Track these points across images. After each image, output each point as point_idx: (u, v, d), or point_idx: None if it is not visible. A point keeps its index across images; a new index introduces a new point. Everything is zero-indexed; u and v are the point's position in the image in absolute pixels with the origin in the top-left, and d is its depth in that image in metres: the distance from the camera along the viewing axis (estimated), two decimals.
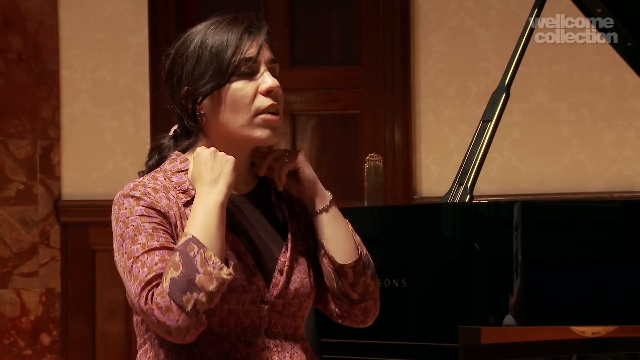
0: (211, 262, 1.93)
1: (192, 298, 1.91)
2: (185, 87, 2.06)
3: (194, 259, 1.93)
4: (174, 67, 2.09)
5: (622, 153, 4.91)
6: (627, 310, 2.80)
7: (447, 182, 3.11)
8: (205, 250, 1.93)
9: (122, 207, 2.01)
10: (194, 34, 2.08)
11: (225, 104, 2.05)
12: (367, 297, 2.14)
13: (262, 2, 5.12)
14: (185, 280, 1.91)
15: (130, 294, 1.97)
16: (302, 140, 5.09)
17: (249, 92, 2.05)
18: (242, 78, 2.05)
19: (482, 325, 2.72)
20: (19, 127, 5.00)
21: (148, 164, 2.15)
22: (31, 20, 5.03)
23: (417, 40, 5.00)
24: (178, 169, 2.08)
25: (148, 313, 1.92)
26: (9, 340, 4.97)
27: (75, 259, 5.00)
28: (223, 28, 2.07)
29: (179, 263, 1.92)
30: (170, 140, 2.15)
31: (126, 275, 1.97)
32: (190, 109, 2.07)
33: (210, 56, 2.04)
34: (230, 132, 2.07)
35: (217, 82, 2.04)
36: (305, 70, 4.98)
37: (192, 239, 1.95)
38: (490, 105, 3.03)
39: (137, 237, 1.98)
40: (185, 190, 2.06)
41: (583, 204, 3.17)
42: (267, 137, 2.07)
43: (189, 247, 1.94)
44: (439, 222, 2.83)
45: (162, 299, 1.91)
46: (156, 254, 1.96)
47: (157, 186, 2.04)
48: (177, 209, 2.03)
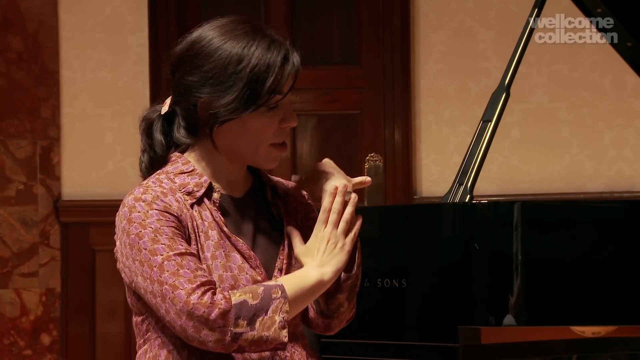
0: (282, 315, 1.95)
1: (244, 328, 1.93)
2: (205, 95, 2.01)
3: (272, 302, 1.95)
4: (192, 64, 2.03)
5: (622, 153, 4.91)
6: (627, 310, 2.79)
7: (447, 182, 3.11)
8: (284, 303, 1.95)
9: (135, 210, 1.99)
10: (223, 36, 2.02)
11: (243, 128, 2.03)
12: (334, 315, 2.14)
13: (262, 2, 5.12)
14: (252, 311, 1.93)
15: (161, 287, 1.93)
16: (302, 140, 5.09)
17: (272, 125, 2.04)
18: (268, 108, 2.03)
19: (482, 325, 2.72)
20: (19, 127, 5.00)
21: (142, 167, 2.12)
22: (31, 20, 5.03)
23: (417, 40, 5.00)
24: (180, 170, 2.07)
25: (202, 305, 1.91)
26: (9, 340, 4.97)
27: (75, 259, 5.00)
28: (262, 45, 2.01)
29: (258, 295, 1.95)
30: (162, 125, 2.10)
31: (147, 268, 1.95)
32: (205, 119, 2.03)
33: (249, 79, 1.99)
34: (236, 152, 2.06)
35: (247, 108, 2.00)
36: (305, 70, 4.92)
37: (280, 286, 1.97)
38: (490, 105, 3.03)
39: (159, 238, 1.96)
40: (190, 192, 2.05)
41: (583, 204, 3.17)
42: (272, 166, 2.09)
43: (274, 290, 1.96)
44: (439, 222, 2.83)
45: (226, 303, 1.92)
46: (189, 259, 1.96)
47: (164, 189, 2.03)
48: (187, 211, 2.03)
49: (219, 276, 2.00)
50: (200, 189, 2.06)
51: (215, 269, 2.01)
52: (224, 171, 2.09)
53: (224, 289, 1.98)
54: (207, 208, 2.05)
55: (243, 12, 4.99)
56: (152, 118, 2.11)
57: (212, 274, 2.00)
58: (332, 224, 2.05)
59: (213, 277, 1.99)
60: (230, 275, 2.01)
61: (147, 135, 2.11)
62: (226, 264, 2.02)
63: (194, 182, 2.06)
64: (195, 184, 2.06)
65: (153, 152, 2.10)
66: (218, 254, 2.02)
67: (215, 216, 2.05)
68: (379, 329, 2.84)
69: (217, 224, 2.04)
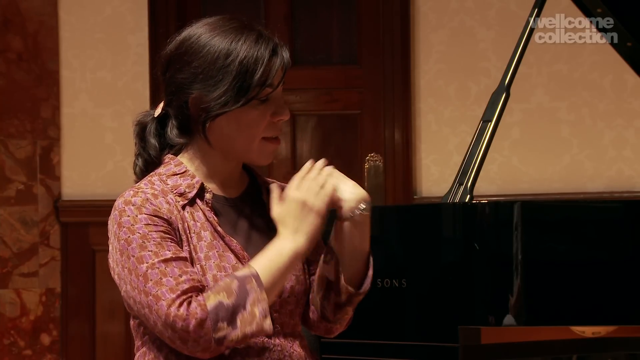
0: (261, 306, 1.93)
1: (226, 330, 1.91)
2: (196, 91, 2.02)
3: (248, 295, 1.92)
4: (182, 61, 2.03)
5: (622, 153, 4.91)
6: (627, 310, 2.79)
7: (447, 182, 3.12)
8: (261, 292, 1.93)
9: (125, 214, 1.99)
10: (211, 32, 2.02)
11: (235, 122, 2.03)
12: (338, 322, 2.14)
13: (262, 2, 5.12)
14: (230, 310, 1.91)
15: (146, 298, 1.93)
16: (302, 140, 5.09)
17: (263, 118, 2.03)
18: (259, 102, 2.03)
19: (482, 325, 2.72)
20: (19, 127, 5.00)
21: (136, 171, 2.12)
22: (31, 20, 5.03)
23: (417, 40, 5.00)
24: (173, 172, 2.07)
25: (179, 318, 1.90)
26: (9, 340, 4.97)
27: (75, 259, 5.00)
28: (250, 39, 2.01)
29: (232, 291, 1.92)
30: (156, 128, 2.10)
31: (134, 277, 1.96)
32: (197, 116, 2.03)
33: (238, 72, 1.99)
34: (230, 148, 2.06)
35: (237, 101, 2.00)
36: (305, 70, 4.97)
37: (254, 274, 1.94)
38: (490, 105, 3.03)
39: (146, 245, 1.96)
40: (181, 194, 2.05)
41: (583, 204, 3.17)
42: (266, 161, 2.08)
43: (248, 280, 1.93)
44: (439, 222, 2.83)
45: (201, 312, 1.91)
46: (174, 265, 1.95)
47: (155, 191, 2.02)
48: (177, 212, 2.02)
49: (213, 276, 2.00)
50: (192, 190, 2.05)
51: (209, 269, 2.00)
52: (218, 171, 2.09)
53: None
54: (200, 209, 2.05)
55: (243, 12, 4.99)
56: (145, 122, 2.12)
57: (206, 275, 1.99)
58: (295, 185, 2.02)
59: (207, 277, 1.99)
60: (224, 275, 2.00)
61: (141, 139, 2.11)
62: (220, 264, 2.01)
63: (185, 183, 2.06)
64: (187, 185, 2.06)
65: (147, 155, 2.10)
66: (211, 254, 2.02)
67: (209, 216, 2.05)
68: (379, 329, 2.84)
69: (210, 224, 2.04)
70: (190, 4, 5.13)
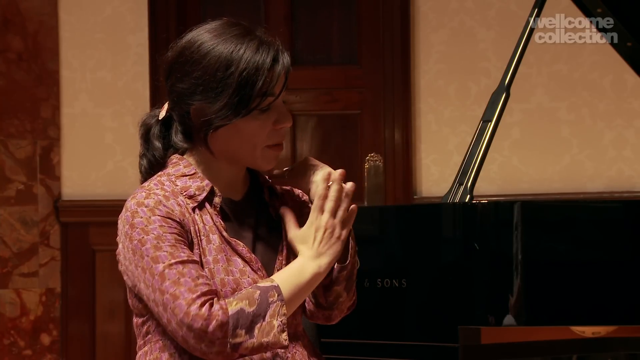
0: (280, 319, 1.94)
1: (243, 337, 1.92)
2: (197, 102, 2.01)
3: (269, 306, 1.94)
4: (183, 71, 2.02)
5: (622, 153, 4.91)
6: (627, 310, 2.79)
7: (447, 182, 3.12)
8: (282, 306, 1.94)
9: (137, 216, 1.99)
10: (211, 41, 2.01)
11: (237, 133, 2.03)
12: (333, 306, 2.14)
13: (262, 2, 5.12)
14: (250, 318, 1.92)
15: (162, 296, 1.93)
16: (302, 140, 5.09)
17: (266, 127, 2.03)
18: (260, 111, 2.02)
19: (482, 325, 2.72)
20: (19, 127, 5.00)
21: (141, 170, 2.12)
22: (31, 20, 5.03)
23: (417, 40, 5.00)
24: (182, 173, 2.07)
25: (200, 317, 1.90)
26: (9, 340, 4.97)
27: (75, 259, 5.00)
28: (251, 48, 2.00)
29: (255, 300, 1.94)
30: (160, 130, 2.10)
31: (149, 276, 1.95)
32: (199, 125, 2.03)
33: (238, 83, 1.98)
34: (233, 156, 2.06)
35: (238, 113, 1.99)
36: (305, 70, 4.97)
37: (277, 287, 1.96)
38: (490, 105, 3.03)
39: (161, 245, 1.96)
40: (191, 196, 2.05)
41: (583, 204, 3.17)
42: (269, 166, 2.08)
43: (271, 292, 1.95)
44: (439, 222, 2.83)
45: (223, 315, 1.91)
46: (191, 267, 1.95)
47: (166, 192, 2.02)
48: (189, 215, 2.03)
49: (221, 280, 2.00)
50: (202, 193, 2.05)
51: (217, 272, 2.00)
52: (223, 175, 2.09)
53: (225, 293, 1.98)
54: (208, 212, 2.05)
55: (243, 12, 5.00)
56: (150, 123, 2.12)
57: (214, 278, 1.99)
58: (329, 212, 2.03)
59: (215, 280, 1.99)
60: (232, 279, 2.01)
61: (145, 140, 2.12)
62: (228, 267, 2.02)
63: (195, 186, 2.06)
64: (197, 187, 2.06)
65: (151, 155, 2.10)
66: (220, 257, 2.02)
67: (216, 221, 2.05)
68: (379, 328, 2.84)
69: (217, 228, 2.04)
70: (190, 4, 5.13)
